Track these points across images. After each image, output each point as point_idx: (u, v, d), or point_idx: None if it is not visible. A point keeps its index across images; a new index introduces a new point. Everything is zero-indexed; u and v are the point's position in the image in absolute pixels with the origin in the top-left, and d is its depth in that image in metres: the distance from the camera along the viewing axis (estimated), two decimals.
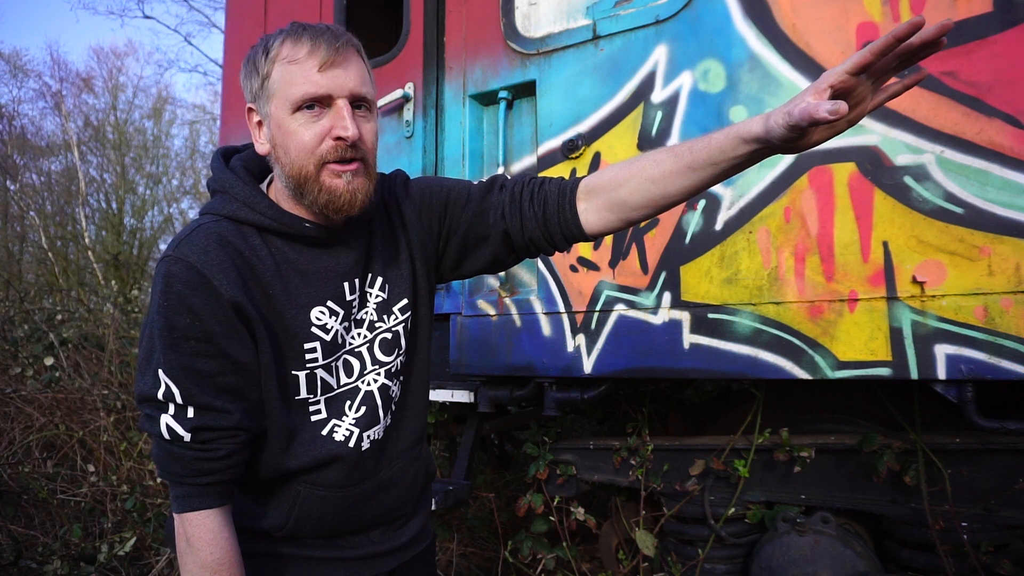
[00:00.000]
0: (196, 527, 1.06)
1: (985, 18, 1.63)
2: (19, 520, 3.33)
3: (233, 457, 1.08)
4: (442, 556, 3.02)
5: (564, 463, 2.44)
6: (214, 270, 1.04)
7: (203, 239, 1.06)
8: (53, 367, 4.43)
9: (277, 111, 1.07)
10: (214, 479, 1.07)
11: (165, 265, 1.05)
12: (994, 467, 1.88)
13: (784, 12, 1.87)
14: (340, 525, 1.22)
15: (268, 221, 1.11)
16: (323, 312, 1.15)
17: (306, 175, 1.07)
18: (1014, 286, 1.58)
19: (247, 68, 1.12)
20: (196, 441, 1.05)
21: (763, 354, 1.84)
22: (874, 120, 1.75)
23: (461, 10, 2.48)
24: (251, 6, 3.14)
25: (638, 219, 1.18)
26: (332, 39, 1.06)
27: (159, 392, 1.04)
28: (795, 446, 2.06)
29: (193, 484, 1.06)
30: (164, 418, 1.04)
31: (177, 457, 1.05)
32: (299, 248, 1.14)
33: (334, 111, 1.06)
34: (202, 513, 1.06)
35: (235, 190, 1.13)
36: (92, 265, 14.29)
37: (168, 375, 1.03)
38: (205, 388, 1.05)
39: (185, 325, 1.03)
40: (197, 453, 1.05)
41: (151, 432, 1.07)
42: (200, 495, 1.06)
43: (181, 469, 1.06)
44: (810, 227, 1.81)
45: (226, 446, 1.07)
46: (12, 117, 17.36)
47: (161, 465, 1.08)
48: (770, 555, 2.07)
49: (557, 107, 2.23)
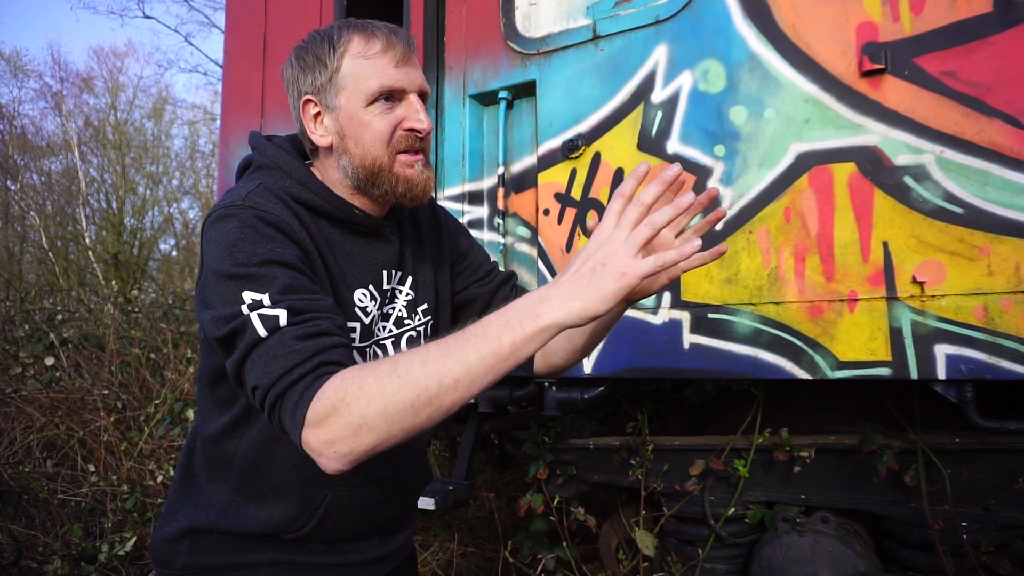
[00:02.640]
0: (352, 379, 0.86)
1: (985, 18, 1.63)
2: (20, 520, 3.33)
3: (335, 334, 0.94)
4: (442, 556, 3.02)
5: (564, 463, 2.44)
6: (292, 221, 1.03)
7: (272, 196, 1.05)
8: (53, 367, 4.43)
9: (349, 103, 1.09)
10: (324, 358, 0.90)
11: (236, 212, 0.99)
12: (994, 467, 1.88)
13: (784, 12, 1.87)
14: (354, 527, 1.21)
15: (321, 202, 1.12)
16: (364, 295, 1.16)
17: (380, 165, 1.10)
18: (1014, 286, 1.58)
19: (304, 61, 1.12)
20: (293, 322, 0.91)
21: (763, 354, 1.84)
22: (874, 120, 1.75)
23: (461, 10, 2.48)
24: (251, 6, 3.14)
25: (560, 369, 1.34)
26: (405, 37, 1.11)
27: (243, 306, 0.92)
28: (795, 446, 2.06)
29: (305, 375, 0.88)
30: (254, 317, 0.91)
31: (278, 351, 0.90)
32: (345, 234, 1.16)
33: (406, 104, 1.11)
34: (340, 374, 0.88)
35: (290, 167, 1.12)
36: (92, 265, 14.30)
37: (252, 287, 0.93)
38: (292, 288, 0.94)
39: (270, 235, 0.98)
40: (297, 329, 0.91)
41: (245, 352, 0.92)
42: (324, 374, 0.89)
43: (288, 362, 0.89)
44: (810, 227, 1.81)
45: (325, 322, 0.94)
46: (12, 117, 17.37)
47: (270, 379, 0.89)
48: (770, 555, 2.07)
49: (557, 107, 2.23)
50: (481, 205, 2.44)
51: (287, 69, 1.16)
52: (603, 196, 2.13)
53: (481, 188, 2.45)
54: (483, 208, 2.43)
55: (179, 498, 1.21)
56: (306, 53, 1.12)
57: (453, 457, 3.72)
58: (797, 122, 1.84)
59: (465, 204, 2.45)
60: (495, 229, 2.37)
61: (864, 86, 1.76)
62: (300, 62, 1.13)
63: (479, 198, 2.45)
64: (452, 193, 2.47)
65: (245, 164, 1.22)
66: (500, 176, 2.34)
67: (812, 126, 1.82)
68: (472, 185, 2.45)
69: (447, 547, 3.04)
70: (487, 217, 2.41)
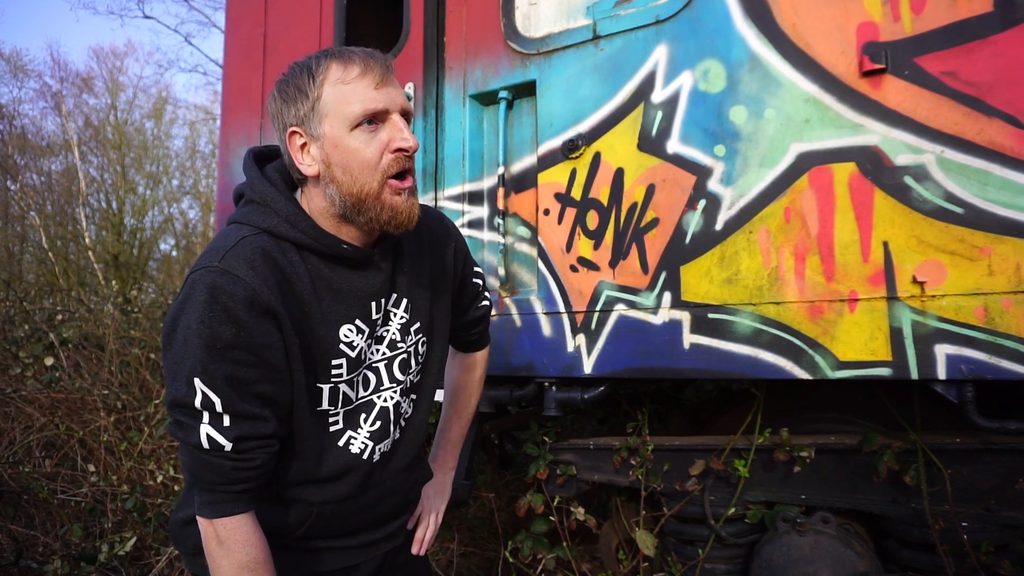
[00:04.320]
0: (231, 530, 1.09)
1: (985, 18, 1.63)
2: (19, 520, 3.32)
3: (266, 466, 1.12)
4: (442, 556, 3.02)
5: (564, 463, 2.44)
6: (261, 285, 1.07)
7: (249, 253, 1.08)
8: (53, 367, 4.43)
9: (333, 130, 1.11)
10: (247, 486, 1.10)
11: (210, 276, 1.05)
12: (994, 467, 1.88)
13: (784, 12, 1.87)
14: (345, 528, 1.29)
15: (309, 241, 1.14)
16: (351, 330, 1.20)
17: (368, 193, 1.11)
18: (1014, 286, 1.58)
19: (286, 93, 1.14)
20: (236, 451, 1.06)
21: (763, 354, 1.84)
22: (874, 120, 1.75)
23: (461, 10, 2.48)
24: (251, 6, 3.14)
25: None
26: (381, 59, 1.14)
27: (195, 400, 1.04)
28: (795, 446, 2.05)
29: (227, 492, 1.09)
30: (203, 428, 1.05)
31: (214, 466, 1.07)
32: (333, 267, 1.18)
33: (390, 125, 1.13)
34: (235, 518, 1.09)
35: (277, 205, 1.14)
36: (92, 265, 14.29)
37: (207, 383, 1.04)
38: (244, 396, 1.07)
39: (230, 336, 1.04)
40: (235, 463, 1.07)
41: (185, 440, 1.08)
42: (233, 501, 1.09)
43: (217, 477, 1.08)
44: (810, 227, 1.81)
45: (262, 455, 1.10)
46: (12, 117, 17.36)
47: (194, 473, 1.09)
48: (770, 555, 2.07)
49: (557, 107, 2.23)
50: (481, 205, 2.44)
51: (271, 104, 1.18)
52: (603, 196, 2.13)
53: (481, 188, 2.45)
54: (483, 208, 2.43)
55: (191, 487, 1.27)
56: (287, 85, 1.14)
57: None
58: (797, 122, 1.83)
59: (465, 204, 2.45)
60: (495, 229, 2.37)
61: (864, 86, 1.76)
62: (282, 95, 1.15)
63: (479, 198, 2.44)
64: (452, 193, 2.47)
65: (239, 194, 1.24)
66: (500, 176, 2.34)
67: (812, 126, 1.82)
68: (472, 185, 2.45)
69: (447, 547, 3.04)
70: (487, 217, 2.41)
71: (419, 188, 2.53)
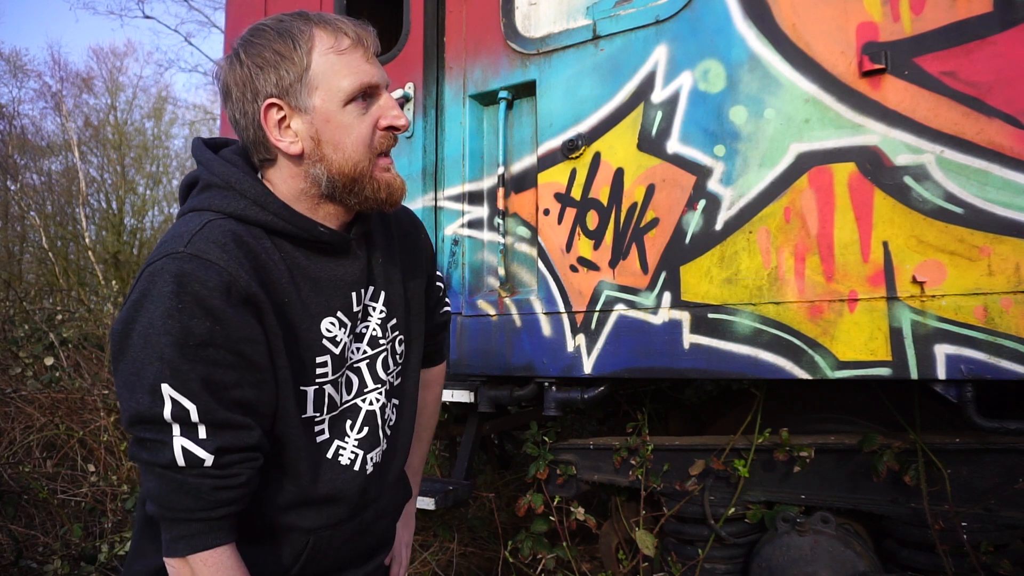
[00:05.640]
0: (212, 567, 0.92)
1: (985, 18, 1.63)
2: (19, 520, 3.32)
3: (251, 484, 0.96)
4: (442, 556, 3.02)
5: (564, 463, 2.44)
6: (238, 269, 0.93)
7: (219, 235, 0.94)
8: (53, 367, 4.43)
9: (325, 104, 0.99)
10: (229, 511, 0.94)
11: (175, 263, 0.90)
12: (994, 467, 1.88)
13: (784, 12, 1.87)
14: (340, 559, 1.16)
15: (281, 223, 1.01)
16: (333, 323, 1.07)
17: (361, 171, 1.02)
18: (1014, 286, 1.58)
19: (261, 58, 0.99)
20: (218, 466, 0.91)
21: (763, 354, 1.84)
22: (874, 120, 1.75)
23: (461, 10, 2.48)
24: (251, 6, 3.14)
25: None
26: (371, 30, 1.04)
27: (163, 410, 0.88)
28: (795, 446, 2.05)
29: (206, 519, 0.92)
30: (177, 441, 0.89)
31: (191, 489, 0.90)
32: (308, 254, 1.06)
33: (381, 101, 1.04)
34: (217, 551, 0.92)
35: (243, 186, 1.00)
36: (92, 265, 14.28)
37: (179, 389, 0.88)
38: (223, 401, 0.92)
39: (204, 331, 0.89)
40: (217, 481, 0.91)
41: (152, 462, 0.91)
42: (214, 530, 0.93)
43: (193, 503, 0.91)
44: (810, 227, 1.81)
45: (246, 471, 0.95)
46: (12, 117, 17.36)
47: (163, 503, 0.92)
48: (770, 555, 2.07)
49: (557, 107, 2.23)
50: (481, 205, 2.44)
51: (232, 69, 1.01)
52: (603, 196, 2.13)
53: (481, 188, 2.45)
54: (483, 208, 2.43)
55: (147, 536, 1.07)
56: (262, 48, 0.99)
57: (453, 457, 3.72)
58: (797, 122, 1.84)
59: (465, 204, 2.45)
60: (495, 229, 2.37)
61: (864, 86, 1.76)
62: (254, 60, 0.99)
63: (479, 198, 2.44)
64: (452, 193, 2.47)
65: (190, 182, 1.08)
66: (500, 176, 2.34)
67: (812, 126, 1.82)
68: (472, 185, 2.45)
69: (447, 547, 3.04)
70: (487, 217, 2.41)
71: (419, 188, 2.54)
